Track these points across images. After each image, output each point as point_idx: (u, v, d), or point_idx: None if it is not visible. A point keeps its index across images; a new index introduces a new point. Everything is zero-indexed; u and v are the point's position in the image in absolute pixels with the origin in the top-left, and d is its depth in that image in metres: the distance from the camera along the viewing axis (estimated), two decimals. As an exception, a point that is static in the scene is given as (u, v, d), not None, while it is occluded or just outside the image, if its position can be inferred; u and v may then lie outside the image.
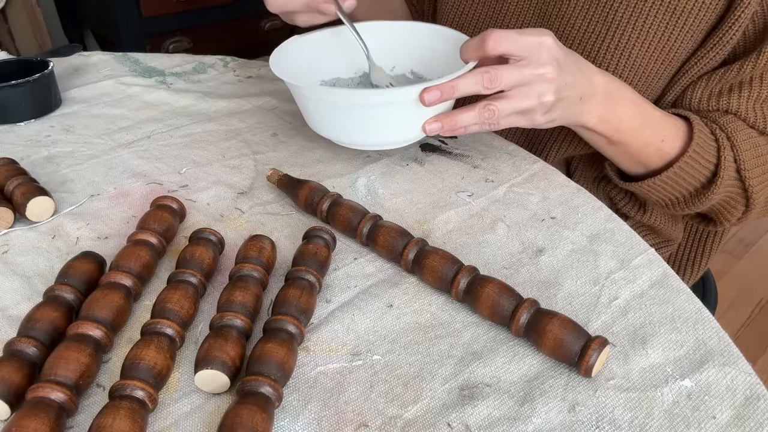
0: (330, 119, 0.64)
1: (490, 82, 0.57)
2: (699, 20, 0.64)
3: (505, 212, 0.61)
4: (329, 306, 0.50)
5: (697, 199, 0.66)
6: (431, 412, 0.42)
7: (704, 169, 0.64)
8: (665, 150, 0.64)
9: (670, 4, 0.64)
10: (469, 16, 0.78)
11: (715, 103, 0.66)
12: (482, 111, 0.58)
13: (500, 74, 0.56)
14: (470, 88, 0.57)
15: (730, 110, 0.66)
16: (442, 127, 0.61)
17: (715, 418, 0.41)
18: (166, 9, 1.97)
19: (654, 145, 0.64)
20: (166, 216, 0.55)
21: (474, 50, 0.59)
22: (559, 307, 0.50)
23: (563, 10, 0.70)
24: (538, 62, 0.57)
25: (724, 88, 0.66)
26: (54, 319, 0.45)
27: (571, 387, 0.43)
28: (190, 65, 0.93)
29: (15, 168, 0.63)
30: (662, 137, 0.63)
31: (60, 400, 0.39)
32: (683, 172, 0.64)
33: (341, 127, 0.64)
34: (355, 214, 0.56)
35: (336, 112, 0.62)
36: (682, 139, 0.64)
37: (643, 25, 0.66)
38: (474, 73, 0.57)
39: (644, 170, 0.67)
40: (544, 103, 0.58)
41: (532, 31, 0.57)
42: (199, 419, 0.41)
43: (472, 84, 0.57)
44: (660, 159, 0.65)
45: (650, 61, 0.67)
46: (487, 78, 0.56)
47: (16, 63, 0.81)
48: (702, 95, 0.67)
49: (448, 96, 0.58)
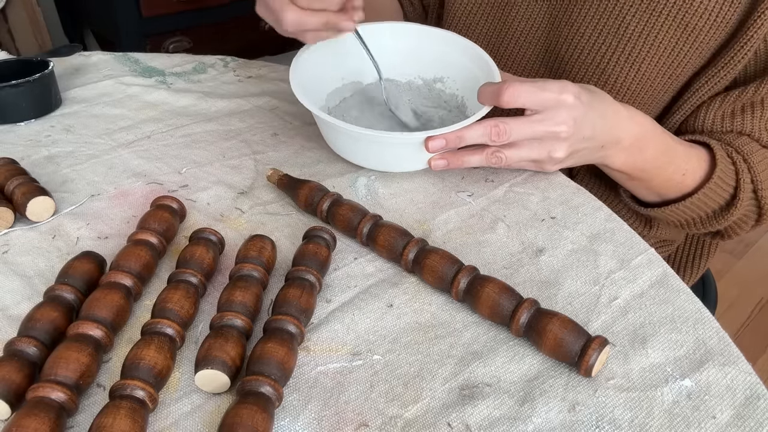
0: (346, 145, 0.65)
1: (498, 136, 0.56)
2: (710, 38, 0.64)
3: (505, 212, 0.61)
4: (329, 306, 0.50)
5: (715, 220, 0.66)
6: (431, 412, 0.42)
7: (724, 193, 0.65)
8: (686, 183, 0.64)
9: (682, 20, 0.64)
10: (477, 20, 0.78)
11: (729, 124, 0.66)
12: (489, 157, 0.59)
13: (509, 128, 0.56)
14: (477, 140, 0.57)
15: (743, 131, 0.66)
16: (448, 165, 0.61)
17: (715, 418, 0.41)
18: (166, 9, 1.97)
19: (675, 180, 0.64)
20: (166, 216, 0.55)
21: (489, 99, 0.58)
22: (559, 307, 0.50)
23: (574, 18, 0.69)
24: (553, 120, 0.56)
25: (737, 108, 0.66)
26: (54, 319, 0.45)
27: (571, 387, 0.43)
28: (190, 65, 0.93)
29: (15, 168, 0.63)
30: (684, 171, 0.64)
31: (60, 399, 0.39)
32: (705, 197, 0.64)
33: (353, 152, 0.65)
34: (355, 214, 0.56)
35: (351, 141, 0.64)
36: (704, 169, 0.64)
37: (654, 39, 0.66)
38: (483, 125, 0.57)
39: (661, 200, 0.67)
40: (554, 158, 0.58)
41: (554, 87, 0.56)
42: (199, 419, 0.41)
43: (479, 136, 0.57)
44: (679, 192, 0.65)
45: (658, 75, 0.67)
46: (495, 132, 0.56)
47: (16, 63, 0.80)
48: (715, 116, 0.67)
49: (453, 146, 0.58)
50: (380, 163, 0.65)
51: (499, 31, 0.76)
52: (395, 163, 0.65)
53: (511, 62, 0.77)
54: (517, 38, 0.75)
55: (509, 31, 0.75)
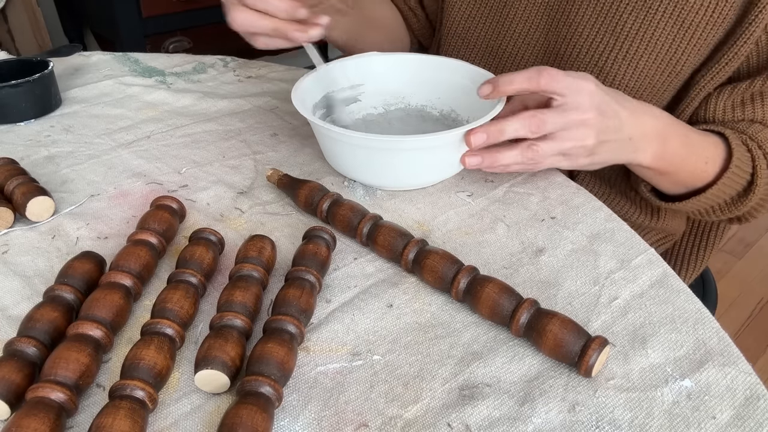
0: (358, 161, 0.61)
1: (537, 127, 0.56)
2: (707, 34, 0.64)
3: (505, 212, 0.61)
4: (329, 306, 0.50)
5: (734, 206, 0.66)
6: (431, 412, 0.42)
7: (742, 180, 0.65)
8: (709, 171, 0.64)
9: (678, 17, 0.64)
10: (476, 24, 0.78)
11: (740, 113, 0.66)
12: (525, 151, 0.57)
13: (547, 118, 0.56)
14: (518, 132, 0.57)
15: (755, 119, 0.66)
16: (482, 162, 0.59)
17: (715, 418, 0.41)
18: (166, 9, 1.97)
19: (699, 169, 0.64)
20: (166, 216, 0.55)
21: (525, 82, 0.56)
22: (559, 307, 0.50)
23: (571, 18, 0.70)
24: (581, 108, 0.56)
25: (746, 98, 0.66)
26: (54, 319, 0.45)
27: (571, 387, 0.43)
28: (190, 65, 0.93)
29: (15, 168, 0.63)
30: (706, 160, 0.64)
31: (60, 400, 0.39)
32: (724, 186, 0.64)
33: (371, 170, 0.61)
34: (355, 214, 0.56)
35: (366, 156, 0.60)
36: (722, 157, 0.64)
37: (651, 37, 0.66)
38: (521, 117, 0.56)
39: (686, 191, 0.67)
40: (586, 146, 0.57)
41: (575, 74, 0.56)
42: (199, 419, 0.41)
43: (520, 128, 0.56)
44: (703, 180, 0.65)
45: (657, 73, 0.67)
46: (535, 123, 0.56)
47: (16, 63, 0.81)
48: (725, 106, 0.67)
49: (494, 140, 0.57)
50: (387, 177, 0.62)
51: (498, 34, 0.76)
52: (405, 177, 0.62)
53: (510, 64, 0.77)
54: (516, 40, 0.75)
55: (507, 34, 0.76)
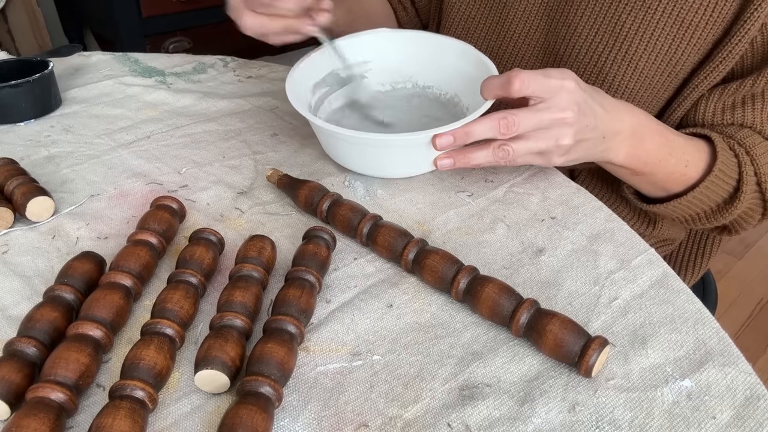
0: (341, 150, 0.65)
1: (507, 129, 0.55)
2: (706, 33, 0.64)
3: (505, 212, 0.61)
4: (329, 306, 0.50)
5: (719, 214, 0.66)
6: (431, 412, 0.42)
7: (727, 185, 0.64)
8: (689, 175, 0.64)
9: (677, 17, 0.64)
10: (476, 21, 0.78)
11: (730, 117, 0.66)
12: (497, 150, 0.57)
13: (518, 120, 0.55)
14: (485, 134, 0.56)
15: (745, 123, 0.66)
16: (454, 164, 0.59)
17: (715, 418, 0.41)
18: (166, 9, 1.97)
19: (678, 172, 0.63)
20: (166, 216, 0.55)
21: (498, 89, 0.56)
22: (559, 307, 0.50)
23: (570, 18, 0.70)
24: (558, 106, 0.55)
25: (737, 100, 0.66)
26: (54, 319, 0.45)
27: (571, 387, 0.43)
28: (190, 65, 0.93)
29: (15, 168, 0.63)
30: (686, 163, 0.63)
31: (60, 400, 0.39)
32: (708, 191, 0.64)
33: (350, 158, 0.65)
34: (355, 214, 0.56)
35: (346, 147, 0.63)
36: (705, 161, 0.64)
37: (650, 37, 0.66)
38: (490, 119, 0.56)
39: (666, 194, 0.67)
40: (562, 146, 0.57)
41: (556, 73, 0.56)
42: (199, 419, 0.41)
43: (488, 130, 0.56)
44: (683, 184, 0.65)
45: (656, 73, 0.67)
46: (504, 124, 0.55)
47: (16, 63, 0.80)
48: (715, 108, 0.67)
49: (461, 142, 0.57)
50: (379, 168, 0.65)
51: (498, 34, 0.76)
52: (394, 168, 0.64)
53: (509, 64, 0.77)
54: (515, 40, 0.75)
55: (507, 34, 0.76)
